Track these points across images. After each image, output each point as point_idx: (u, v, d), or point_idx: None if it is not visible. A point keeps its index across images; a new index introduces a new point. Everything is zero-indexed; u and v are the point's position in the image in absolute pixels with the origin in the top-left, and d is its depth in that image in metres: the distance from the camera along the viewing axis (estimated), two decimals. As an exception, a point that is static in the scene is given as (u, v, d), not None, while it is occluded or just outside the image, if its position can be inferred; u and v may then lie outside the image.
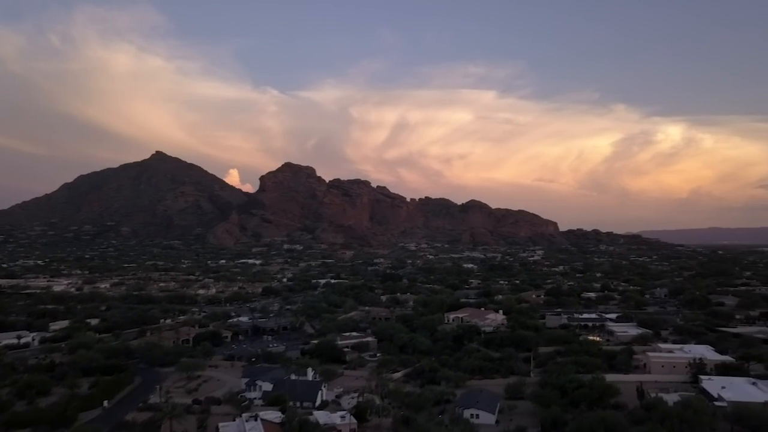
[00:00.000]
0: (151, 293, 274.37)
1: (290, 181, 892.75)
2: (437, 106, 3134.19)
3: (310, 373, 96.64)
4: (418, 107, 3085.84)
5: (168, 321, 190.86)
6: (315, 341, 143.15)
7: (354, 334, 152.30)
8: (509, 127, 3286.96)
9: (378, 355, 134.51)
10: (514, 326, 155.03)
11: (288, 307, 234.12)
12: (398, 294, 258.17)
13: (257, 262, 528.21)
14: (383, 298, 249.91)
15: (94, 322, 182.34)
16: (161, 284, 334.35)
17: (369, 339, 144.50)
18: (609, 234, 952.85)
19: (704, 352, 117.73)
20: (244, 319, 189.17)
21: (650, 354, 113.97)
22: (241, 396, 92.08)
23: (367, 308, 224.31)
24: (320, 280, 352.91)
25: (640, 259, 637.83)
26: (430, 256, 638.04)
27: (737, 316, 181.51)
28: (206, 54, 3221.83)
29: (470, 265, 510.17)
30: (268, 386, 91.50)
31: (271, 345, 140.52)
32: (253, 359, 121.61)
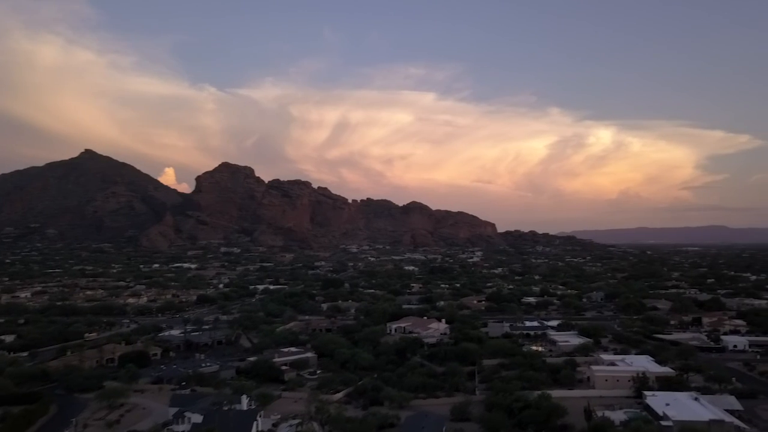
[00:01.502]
0: (76, 303, 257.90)
1: (228, 182, 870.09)
2: (378, 106, 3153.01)
3: (244, 401, 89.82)
4: (359, 107, 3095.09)
5: (92, 335, 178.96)
6: (251, 358, 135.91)
7: (293, 349, 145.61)
8: (449, 128, 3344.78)
9: (318, 372, 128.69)
10: (458, 337, 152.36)
11: (224, 316, 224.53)
12: (339, 301, 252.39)
13: (192, 266, 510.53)
14: (324, 306, 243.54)
15: (9, 339, 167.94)
16: (88, 292, 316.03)
17: (309, 355, 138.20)
18: (545, 235, 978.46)
19: (645, 363, 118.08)
20: (175, 332, 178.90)
21: (594, 368, 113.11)
22: (168, 429, 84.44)
23: (307, 317, 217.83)
24: (258, 286, 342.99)
25: (575, 260, 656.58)
26: (372, 259, 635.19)
27: (672, 322, 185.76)
28: (141, 49, 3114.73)
29: (411, 268, 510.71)
30: (198, 418, 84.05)
31: (204, 364, 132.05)
32: (184, 383, 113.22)
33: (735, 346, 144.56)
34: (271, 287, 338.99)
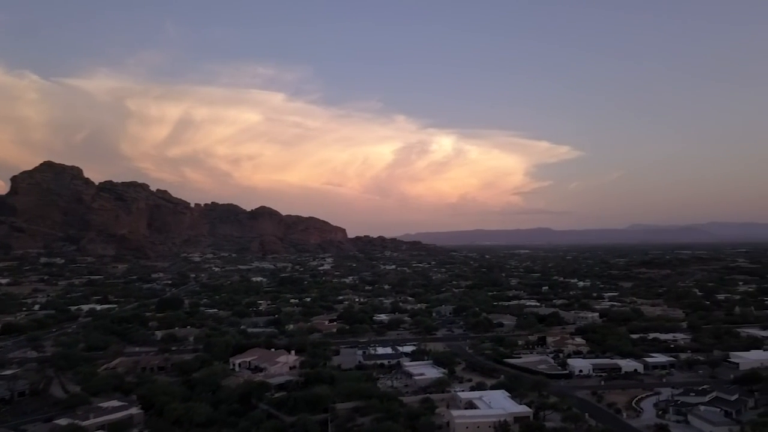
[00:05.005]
0: None
1: (51, 183, 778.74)
2: (225, 104, 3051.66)
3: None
4: (204, 104, 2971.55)
5: None
6: (60, 420, 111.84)
7: (114, 403, 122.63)
8: (299, 130, 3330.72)
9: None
10: (308, 375, 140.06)
11: (34, 353, 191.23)
12: (176, 328, 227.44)
13: (3, 281, 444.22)
14: (158, 333, 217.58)
15: None
16: None
17: (133, 411, 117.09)
18: (393, 240, 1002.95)
19: (503, 401, 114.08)
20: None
21: (454, 413, 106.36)
22: None
23: (137, 350, 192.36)
24: (83, 307, 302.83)
25: (421, 265, 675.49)
26: (216, 269, 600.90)
27: (519, 342, 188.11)
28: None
29: (260, 279, 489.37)
30: None
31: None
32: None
33: (581, 371, 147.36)
34: (98, 307, 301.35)
